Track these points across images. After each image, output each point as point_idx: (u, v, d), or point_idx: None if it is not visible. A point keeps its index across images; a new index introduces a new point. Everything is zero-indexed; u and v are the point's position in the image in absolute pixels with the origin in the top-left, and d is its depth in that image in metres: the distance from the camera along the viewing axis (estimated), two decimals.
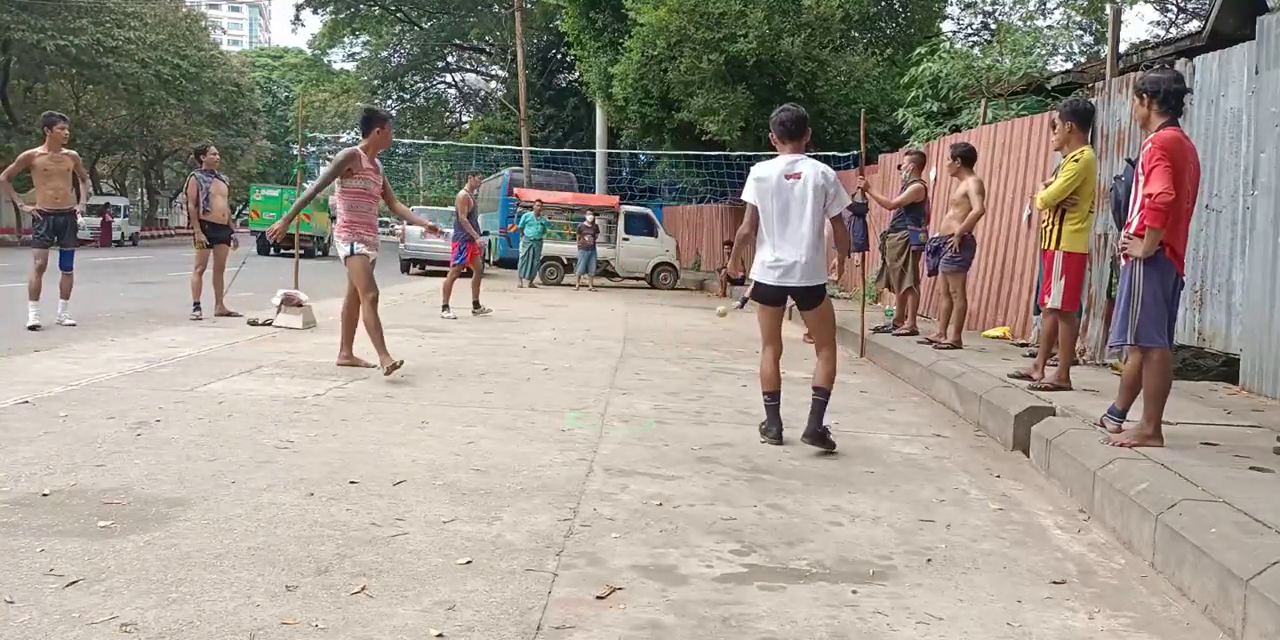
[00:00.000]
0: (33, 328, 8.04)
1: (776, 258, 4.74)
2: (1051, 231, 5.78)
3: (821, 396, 4.78)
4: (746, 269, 4.98)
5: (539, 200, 18.70)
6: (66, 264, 8.51)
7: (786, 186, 4.72)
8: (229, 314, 9.48)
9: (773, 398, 4.92)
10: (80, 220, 8.88)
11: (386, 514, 3.38)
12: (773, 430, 4.89)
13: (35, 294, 8.24)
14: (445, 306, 10.99)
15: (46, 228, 8.35)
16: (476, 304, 11.45)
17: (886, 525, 3.58)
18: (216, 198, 9.50)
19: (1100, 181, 6.84)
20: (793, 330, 8.62)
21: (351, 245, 6.45)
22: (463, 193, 11.80)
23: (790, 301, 4.90)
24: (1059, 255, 5.73)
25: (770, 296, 4.85)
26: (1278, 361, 5.39)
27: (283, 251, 20.46)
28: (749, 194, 4.85)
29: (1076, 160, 5.68)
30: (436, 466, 4.07)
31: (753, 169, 4.90)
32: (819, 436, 4.71)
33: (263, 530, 3.14)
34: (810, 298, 4.83)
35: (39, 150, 8.38)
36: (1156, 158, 4.04)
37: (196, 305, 9.41)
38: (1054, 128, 6.69)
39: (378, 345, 6.35)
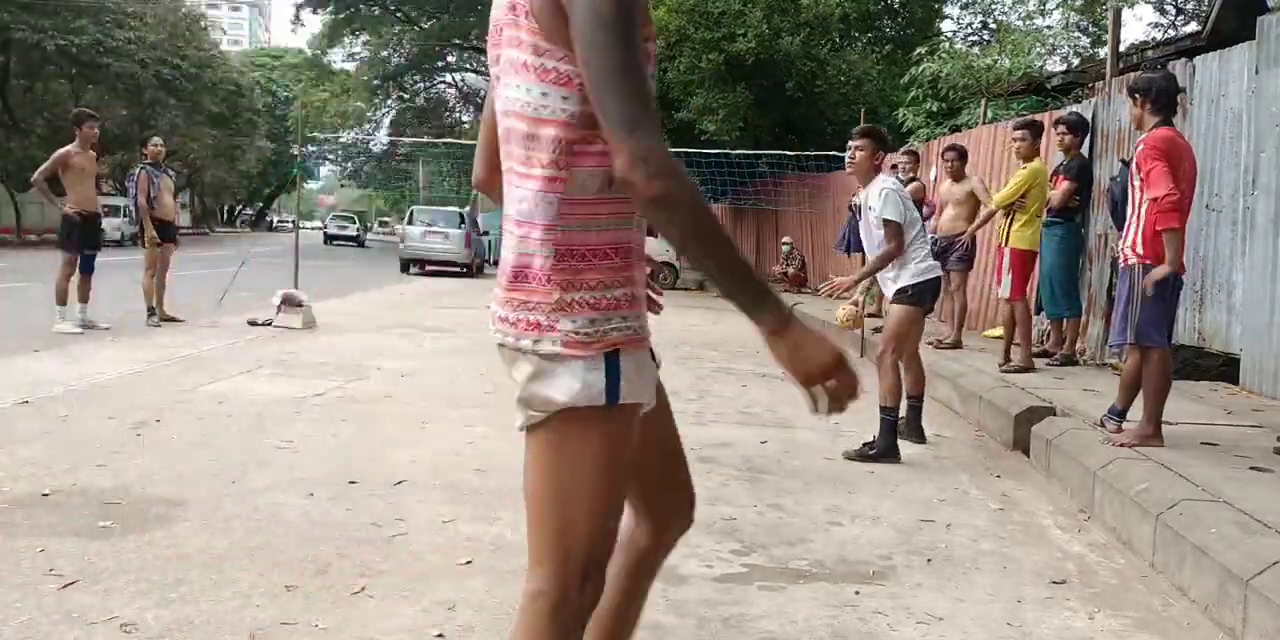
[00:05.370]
0: (76, 331, 7.77)
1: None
2: (1004, 230, 6.59)
3: (914, 403, 5.15)
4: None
5: None
6: (89, 266, 8.23)
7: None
8: (172, 319, 8.75)
9: (915, 402, 5.23)
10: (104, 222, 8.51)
11: (386, 514, 3.38)
12: (913, 436, 5.09)
13: (64, 298, 8.00)
14: None
15: (81, 231, 8.09)
16: None
17: (886, 525, 3.58)
18: (164, 194, 8.84)
19: (1098, 181, 6.87)
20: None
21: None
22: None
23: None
24: (1008, 251, 6.52)
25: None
26: (1278, 361, 5.39)
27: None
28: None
29: (1024, 168, 6.51)
30: (436, 466, 4.07)
31: None
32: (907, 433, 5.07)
33: (263, 530, 3.14)
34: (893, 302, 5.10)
35: (73, 149, 8.08)
36: (1151, 159, 4.02)
37: (151, 310, 8.58)
38: (1055, 129, 6.75)
39: None
